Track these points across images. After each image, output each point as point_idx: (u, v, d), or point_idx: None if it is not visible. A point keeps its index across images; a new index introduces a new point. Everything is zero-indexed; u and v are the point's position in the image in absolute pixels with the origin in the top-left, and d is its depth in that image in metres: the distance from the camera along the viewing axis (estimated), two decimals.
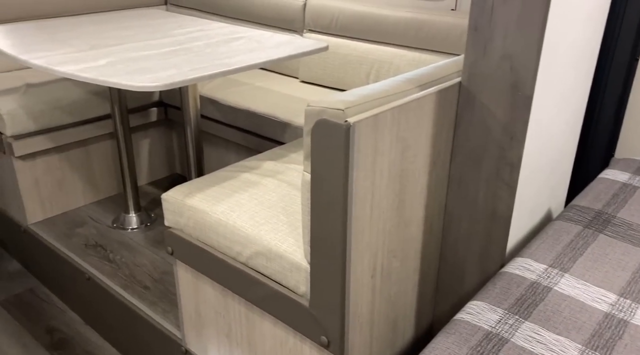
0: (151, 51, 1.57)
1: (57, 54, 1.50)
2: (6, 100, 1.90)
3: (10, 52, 1.50)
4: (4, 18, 2.20)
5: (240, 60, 1.50)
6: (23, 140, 1.92)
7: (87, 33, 1.78)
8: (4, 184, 2.04)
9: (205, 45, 1.67)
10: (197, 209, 1.29)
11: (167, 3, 2.73)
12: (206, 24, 1.98)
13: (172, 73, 1.36)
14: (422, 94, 1.00)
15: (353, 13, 2.04)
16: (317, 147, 0.91)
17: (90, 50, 1.56)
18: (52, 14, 2.33)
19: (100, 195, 2.25)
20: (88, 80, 1.30)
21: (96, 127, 2.12)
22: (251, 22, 2.40)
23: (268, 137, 1.97)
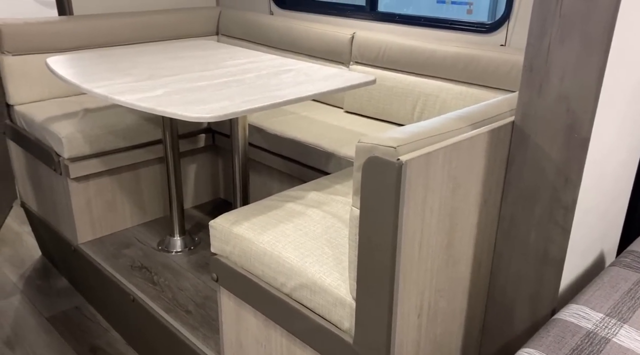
0: (205, 82, 1.63)
1: (117, 83, 1.57)
2: (65, 125, 2.00)
3: (73, 81, 1.59)
4: (68, 46, 2.33)
5: (289, 92, 1.54)
6: (78, 162, 2.00)
7: (144, 63, 1.87)
8: (58, 203, 2.13)
9: (256, 77, 1.72)
10: (243, 237, 1.31)
11: (219, 33, 2.84)
12: (257, 56, 2.04)
13: (225, 104, 1.40)
14: (474, 133, 1.00)
15: (400, 46, 2.07)
16: (368, 184, 0.91)
17: (148, 80, 1.63)
18: (112, 43, 2.46)
19: (147, 217, 2.31)
20: (147, 110, 1.36)
21: (147, 152, 2.20)
22: (299, 53, 2.45)
23: (312, 166, 1.99)
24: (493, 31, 1.89)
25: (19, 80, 2.21)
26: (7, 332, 1.98)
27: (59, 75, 1.67)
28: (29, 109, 2.19)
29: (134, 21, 2.51)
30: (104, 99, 1.47)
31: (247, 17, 2.65)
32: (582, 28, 0.91)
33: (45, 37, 2.25)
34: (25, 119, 2.16)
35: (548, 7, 0.95)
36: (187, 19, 2.70)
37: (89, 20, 2.38)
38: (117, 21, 2.46)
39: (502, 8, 1.90)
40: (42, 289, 2.23)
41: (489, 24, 1.91)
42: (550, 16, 0.95)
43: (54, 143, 1.99)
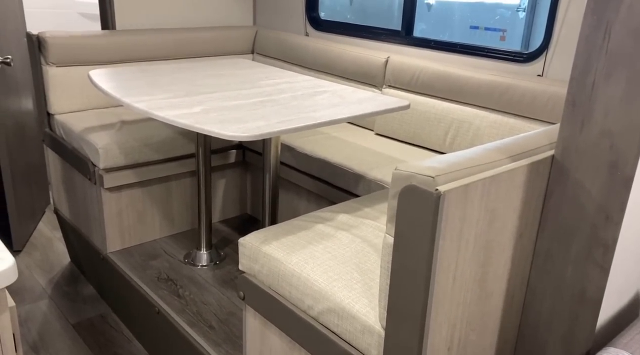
0: (241, 101, 1.66)
1: (157, 99, 1.61)
2: (103, 136, 2.06)
3: (115, 94, 1.63)
4: (110, 60, 2.40)
5: (324, 114, 1.55)
6: (113, 173, 2.05)
7: (182, 79, 1.91)
8: (91, 212, 2.18)
9: (291, 97, 1.74)
10: (272, 256, 1.31)
11: (254, 52, 2.89)
12: (292, 76, 2.07)
13: (260, 124, 1.42)
14: (513, 166, 0.98)
15: (434, 72, 2.07)
16: (404, 212, 0.91)
17: (186, 97, 1.66)
18: (152, 58, 2.52)
19: (175, 229, 2.34)
20: (186, 127, 1.39)
21: (179, 165, 2.23)
22: (333, 74, 2.48)
23: (341, 187, 1.99)
24: (530, 61, 1.88)
25: (60, 91, 2.29)
26: (34, 336, 2.01)
27: (100, 88, 1.72)
28: (68, 118, 2.25)
29: (174, 37, 2.58)
30: (144, 114, 1.51)
31: (283, 38, 2.70)
32: (629, 65, 0.90)
33: (88, 50, 2.33)
34: (64, 128, 2.22)
35: (594, 43, 0.94)
36: (224, 37, 2.76)
37: (130, 35, 2.45)
38: (158, 37, 2.53)
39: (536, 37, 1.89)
40: (69, 295, 2.27)
41: (527, 54, 1.90)
42: (596, 52, 0.94)
43: (91, 153, 2.04)
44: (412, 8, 2.23)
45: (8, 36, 2.52)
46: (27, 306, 2.19)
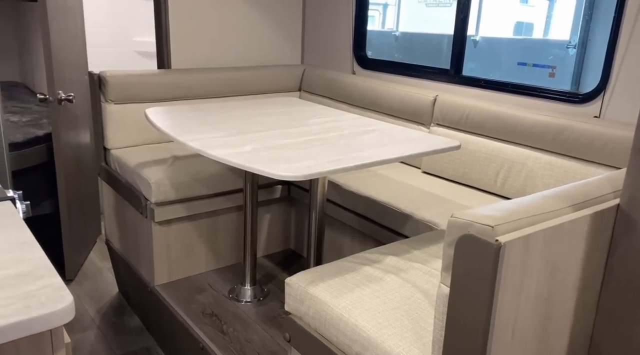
0: (290, 140, 1.68)
1: (209, 138, 1.65)
2: (156, 171, 2.12)
3: (170, 133, 1.69)
4: (165, 97, 2.50)
5: (372, 154, 1.54)
6: (163, 207, 2.10)
7: (233, 118, 1.96)
8: (140, 245, 2.23)
9: (339, 136, 1.75)
10: (318, 299, 1.29)
11: (301, 89, 2.95)
12: (339, 115, 2.09)
13: (309, 164, 1.43)
14: (576, 216, 0.94)
15: (485, 111, 2.04)
16: (460, 263, 0.88)
17: (237, 135, 1.70)
18: (205, 95, 2.61)
19: (221, 263, 2.36)
20: (238, 166, 1.41)
21: (227, 200, 2.27)
22: (380, 112, 2.48)
23: (387, 226, 1.96)
24: (587, 102, 1.83)
25: (117, 127, 2.39)
26: None
27: (156, 127, 1.78)
28: (123, 153, 2.34)
29: (225, 76, 2.66)
30: (198, 152, 1.55)
31: (330, 76, 2.74)
32: None
33: (145, 88, 2.43)
34: (119, 162, 2.31)
35: None
36: (273, 76, 2.83)
37: (184, 74, 2.56)
38: (210, 75, 2.62)
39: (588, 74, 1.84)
40: (116, 326, 2.31)
41: (583, 95, 1.84)
42: None
43: (144, 187, 2.10)
44: (462, 47, 2.23)
45: (72, 75, 2.67)
46: (76, 336, 2.23)
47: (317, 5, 2.89)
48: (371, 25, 2.74)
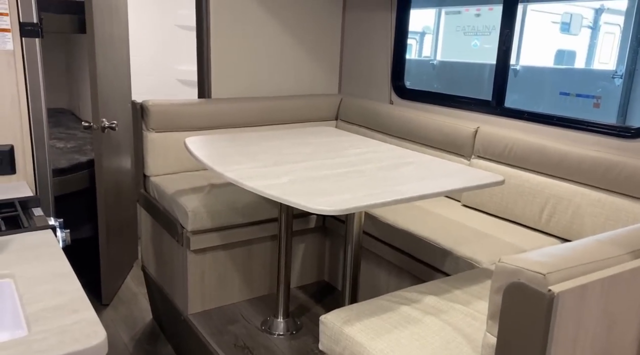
0: (327, 171, 1.66)
1: (246, 168, 1.65)
2: (192, 199, 2.13)
3: (208, 163, 1.69)
4: (204, 126, 2.54)
5: (411, 188, 1.50)
6: (199, 235, 2.10)
7: (270, 148, 1.96)
8: (175, 273, 2.24)
9: (376, 168, 1.71)
10: (354, 340, 1.24)
11: (338, 118, 2.94)
12: (376, 146, 2.06)
13: (346, 197, 1.40)
14: (635, 264, 0.87)
15: (530, 145, 1.97)
16: (509, 312, 0.82)
17: (274, 166, 1.69)
18: (243, 124, 2.64)
19: (254, 293, 2.33)
20: (274, 198, 1.40)
21: (261, 229, 2.25)
22: (418, 143, 2.44)
23: (426, 262, 1.90)
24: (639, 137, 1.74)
25: (157, 155, 2.43)
26: None
27: (195, 156, 1.80)
28: (162, 180, 2.38)
29: (264, 105, 2.69)
30: (235, 183, 1.54)
31: (367, 105, 2.72)
32: None
33: (185, 117, 2.48)
34: (158, 190, 2.34)
35: None
36: (310, 105, 2.84)
37: (223, 103, 2.59)
38: (249, 105, 2.65)
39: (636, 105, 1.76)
40: (149, 354, 2.30)
41: (635, 129, 1.76)
42: None
43: (180, 215, 2.11)
44: (504, 79, 2.18)
45: (116, 103, 2.75)
46: None
47: (356, 34, 2.91)
48: (408, 53, 2.72)
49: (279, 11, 2.76)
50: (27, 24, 1.63)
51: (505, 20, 2.14)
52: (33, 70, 1.67)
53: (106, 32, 2.60)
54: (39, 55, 1.68)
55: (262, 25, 2.73)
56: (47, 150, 1.75)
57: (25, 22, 1.62)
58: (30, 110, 1.68)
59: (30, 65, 1.66)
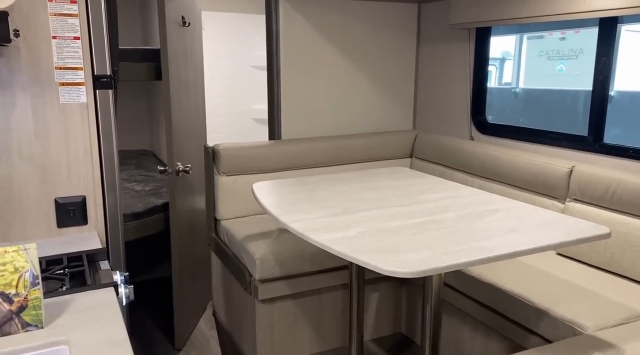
0: (400, 221, 1.51)
1: (313, 218, 1.54)
2: (261, 245, 2.06)
3: (274, 213, 1.61)
4: (274, 168, 2.49)
5: (500, 244, 1.31)
6: (267, 284, 2.01)
7: (340, 193, 1.84)
8: (244, 322, 2.15)
9: (457, 217, 1.54)
10: None
11: (412, 156, 2.78)
12: (456, 189, 1.88)
13: (423, 256, 1.24)
14: None
15: (637, 187, 1.70)
16: None
17: (343, 215, 1.57)
18: (314, 165, 2.56)
19: (325, 346, 2.19)
20: (341, 255, 1.28)
21: (332, 277, 2.13)
22: (503, 183, 2.22)
23: (516, 321, 1.67)
24: None
25: (227, 198, 2.41)
26: None
27: (262, 205, 1.72)
28: (232, 224, 2.34)
29: (334, 144, 2.60)
30: (300, 236, 1.44)
31: (444, 142, 2.55)
32: None
33: (255, 160, 2.44)
34: (228, 234, 2.30)
35: None
36: (383, 142, 2.71)
37: (293, 144, 2.54)
38: (319, 145, 2.57)
39: None
40: None
41: None
42: None
43: (249, 262, 2.04)
44: (602, 111, 1.93)
45: (191, 147, 2.79)
46: None
47: (431, 67, 2.76)
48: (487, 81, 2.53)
49: (349, 48, 2.69)
50: (100, 77, 1.66)
51: (602, 46, 1.91)
52: (106, 122, 1.69)
53: (181, 78, 2.65)
54: (112, 107, 1.70)
55: (333, 63, 2.67)
56: (119, 200, 1.76)
57: (99, 75, 1.65)
58: (103, 161, 1.69)
59: (103, 116, 1.68)
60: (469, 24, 2.33)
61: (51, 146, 1.59)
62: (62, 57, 1.56)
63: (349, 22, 2.66)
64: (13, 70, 1.50)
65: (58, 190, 1.62)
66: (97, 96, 1.65)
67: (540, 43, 5.92)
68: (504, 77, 6.40)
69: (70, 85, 1.59)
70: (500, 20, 2.18)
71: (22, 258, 1.08)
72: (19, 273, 1.07)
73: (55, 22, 1.54)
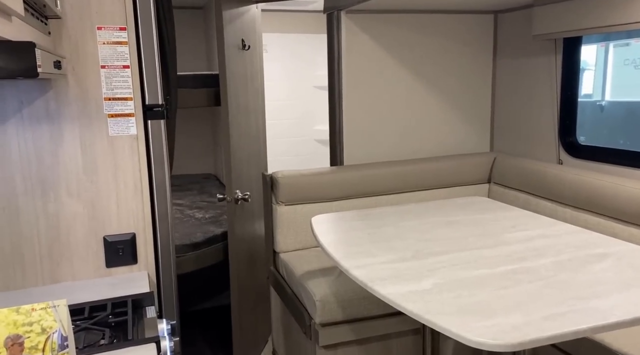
0: (484, 269, 1.27)
1: (378, 263, 1.34)
2: (321, 284, 1.87)
3: (334, 256, 1.42)
4: (336, 196, 2.30)
5: (615, 304, 1.04)
6: (329, 328, 1.82)
7: (409, 229, 1.63)
8: None
9: (555, 265, 1.27)
10: None
11: (490, 181, 2.50)
12: (549, 226, 1.60)
13: (517, 321, 1.00)
14: None
15: None
16: None
17: (414, 260, 1.35)
18: (379, 192, 2.35)
19: None
20: (413, 315, 1.06)
21: (401, 321, 1.90)
22: (601, 215, 1.90)
23: None
24: None
25: (286, 229, 2.25)
26: None
27: (322, 245, 1.54)
28: (291, 258, 2.17)
29: (401, 170, 2.38)
30: (364, 286, 1.24)
31: (527, 166, 2.26)
32: None
33: (315, 188, 2.27)
34: (287, 268, 2.14)
35: None
36: (456, 167, 2.46)
37: (357, 171, 2.35)
38: (384, 170, 2.37)
39: None
40: None
41: None
42: None
43: (308, 304, 1.86)
44: None
45: (250, 176, 2.68)
46: None
47: (510, 83, 2.49)
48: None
49: (417, 65, 2.48)
50: (152, 106, 1.56)
51: None
52: (158, 154, 1.59)
53: (241, 102, 2.56)
54: (164, 137, 1.60)
55: (399, 81, 2.47)
56: (171, 238, 1.64)
57: (151, 105, 1.56)
58: (154, 196, 1.59)
59: (155, 148, 1.58)
60: (556, 34, 2.05)
61: (100, 181, 1.50)
62: (111, 87, 1.48)
63: (416, 38, 2.45)
64: (61, 103, 1.43)
65: (107, 228, 1.53)
66: (149, 127, 1.56)
67: (626, 51, 5.38)
68: (583, 88, 5.88)
69: (119, 117, 1.51)
70: (594, 29, 1.89)
71: (50, 317, 0.96)
72: (47, 334, 0.95)
73: (104, 51, 1.46)
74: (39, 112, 1.42)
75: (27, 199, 1.44)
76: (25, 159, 1.43)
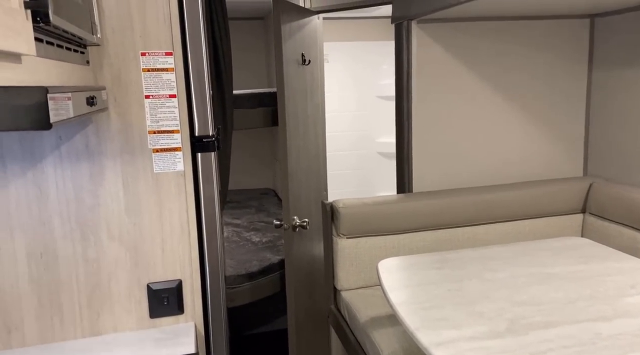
0: (604, 351, 0.99)
1: (465, 340, 1.09)
2: (389, 336, 1.64)
3: (406, 321, 1.18)
4: (403, 228, 2.05)
5: None
6: None
7: (497, 285, 1.36)
8: None
9: None
10: None
11: (585, 211, 2.16)
12: None
13: None
14: None
15: None
16: None
17: (509, 336, 1.09)
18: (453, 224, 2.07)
19: None
20: None
21: None
22: None
23: None
24: None
25: (349, 265, 2.03)
26: None
27: (392, 305, 1.30)
28: (353, 298, 1.95)
29: (478, 198, 2.10)
30: None
31: (634, 195, 1.90)
32: None
33: (381, 219, 2.03)
34: (349, 310, 1.92)
35: None
36: (542, 194, 2.14)
37: (428, 199, 2.09)
38: (459, 199, 2.09)
39: None
40: None
41: None
42: None
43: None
44: None
45: (310, 199, 2.48)
46: None
47: (609, 98, 2.14)
48: None
49: (497, 78, 2.19)
50: (202, 138, 1.39)
51: None
52: (208, 191, 1.41)
53: (300, 121, 2.37)
54: (214, 172, 1.42)
55: (477, 96, 2.18)
56: (222, 285, 1.46)
57: (201, 136, 1.38)
58: (204, 238, 1.41)
59: (205, 184, 1.40)
60: None
61: (143, 223, 1.35)
62: (156, 119, 1.32)
63: (496, 48, 2.16)
64: (102, 138, 1.29)
65: (150, 275, 1.38)
66: (198, 160, 1.39)
67: None
68: None
69: (165, 151, 1.35)
70: None
71: None
72: None
73: (148, 79, 1.30)
74: (78, 148, 1.29)
75: (65, 244, 1.31)
76: (64, 200, 1.29)
